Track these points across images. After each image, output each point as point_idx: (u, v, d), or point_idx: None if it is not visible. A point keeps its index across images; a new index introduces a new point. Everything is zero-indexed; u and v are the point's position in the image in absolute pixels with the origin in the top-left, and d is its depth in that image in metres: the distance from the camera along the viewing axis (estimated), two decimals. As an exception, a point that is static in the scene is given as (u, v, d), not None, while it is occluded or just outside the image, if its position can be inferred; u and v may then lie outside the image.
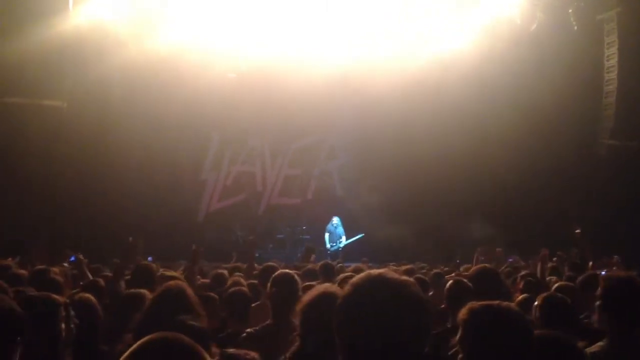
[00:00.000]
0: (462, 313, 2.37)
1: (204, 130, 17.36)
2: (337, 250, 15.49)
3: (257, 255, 9.81)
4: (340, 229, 15.93)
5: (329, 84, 15.95)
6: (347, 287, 1.86)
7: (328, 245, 15.73)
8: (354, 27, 16.24)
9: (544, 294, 3.98)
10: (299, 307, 2.88)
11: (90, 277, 5.84)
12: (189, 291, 3.24)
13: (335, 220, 15.98)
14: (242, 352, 2.53)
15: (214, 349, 2.62)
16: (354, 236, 15.97)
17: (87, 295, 3.80)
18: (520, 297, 4.56)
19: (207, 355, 1.64)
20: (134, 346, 1.61)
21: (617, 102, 15.05)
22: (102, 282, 5.25)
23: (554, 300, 3.89)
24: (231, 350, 2.56)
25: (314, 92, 15.77)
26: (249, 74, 16.33)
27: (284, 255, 13.85)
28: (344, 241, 15.80)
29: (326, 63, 16.08)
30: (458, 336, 2.36)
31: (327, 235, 15.91)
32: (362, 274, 1.91)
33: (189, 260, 6.09)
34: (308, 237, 16.29)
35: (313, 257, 9.41)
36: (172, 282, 3.30)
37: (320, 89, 15.77)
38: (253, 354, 2.49)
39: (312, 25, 15.98)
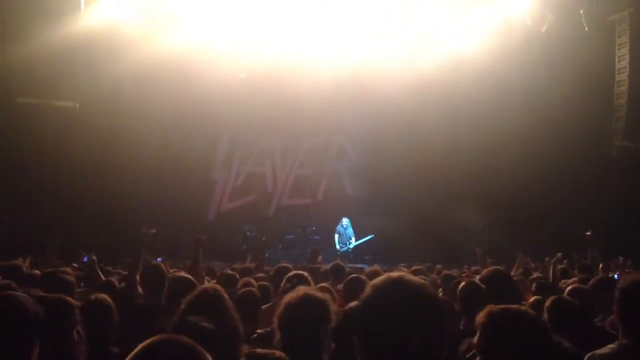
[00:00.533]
0: (481, 316, 2.38)
1: (214, 130, 17.42)
2: (346, 252, 15.47)
3: (266, 255, 9.80)
4: (350, 230, 15.91)
5: (340, 84, 15.96)
6: (368, 289, 1.90)
7: (338, 247, 15.72)
8: (365, 27, 16.23)
9: (553, 297, 3.98)
10: (280, 307, 2.88)
11: (103, 277, 5.87)
12: (224, 293, 3.28)
13: (345, 221, 15.95)
14: (270, 351, 2.57)
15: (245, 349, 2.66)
16: (364, 237, 15.95)
17: (104, 296, 3.82)
18: (532, 299, 4.55)
19: (209, 357, 1.65)
20: (137, 348, 1.63)
21: (628, 104, 14.96)
22: (116, 282, 5.28)
23: (562, 303, 3.88)
24: (260, 350, 2.60)
25: (324, 92, 15.77)
26: (259, 74, 16.36)
27: (294, 256, 13.85)
28: (353, 242, 15.79)
29: (336, 63, 16.10)
30: (476, 339, 2.38)
31: (336, 236, 15.89)
32: (381, 277, 1.93)
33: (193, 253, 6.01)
34: (318, 237, 16.29)
35: (320, 258, 9.42)
36: (208, 285, 3.34)
37: (330, 89, 15.77)
38: (279, 353, 2.52)
39: (323, 25, 15.98)
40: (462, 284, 4.44)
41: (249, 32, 15.70)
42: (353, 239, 15.86)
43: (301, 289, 2.97)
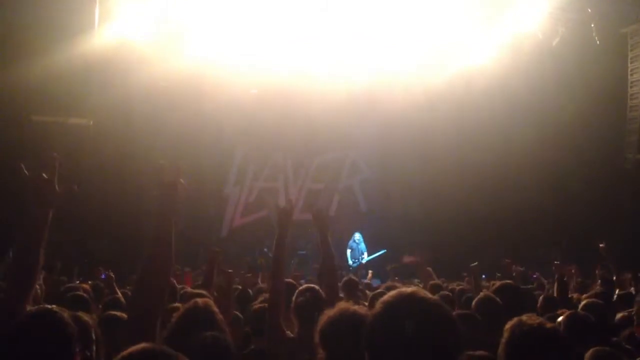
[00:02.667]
0: (505, 330, 2.39)
1: (227, 146, 17.51)
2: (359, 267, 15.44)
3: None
4: (363, 245, 15.89)
5: (351, 99, 16.04)
6: (379, 305, 1.88)
7: (350, 262, 15.69)
8: (376, 42, 16.28)
9: (569, 312, 3.97)
10: (319, 323, 2.89)
11: (119, 294, 5.90)
12: (215, 308, 3.28)
13: (357, 236, 15.94)
14: None
15: None
16: (376, 252, 15.93)
17: (114, 313, 3.84)
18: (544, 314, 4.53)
19: None
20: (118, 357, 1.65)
21: (642, 117, 14.90)
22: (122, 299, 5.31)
23: (576, 318, 3.87)
24: None
25: (336, 107, 15.84)
26: (271, 90, 16.46)
27: (306, 271, 13.83)
28: (366, 257, 15.76)
29: (348, 78, 16.16)
30: (499, 352, 2.38)
31: (349, 251, 15.87)
32: (393, 292, 1.91)
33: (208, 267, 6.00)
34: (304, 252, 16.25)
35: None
36: (199, 300, 3.33)
37: (342, 104, 15.85)
38: None
39: (334, 41, 16.05)
40: (479, 297, 4.44)
41: (260, 48, 15.78)
42: (365, 254, 15.84)
43: (340, 304, 2.98)
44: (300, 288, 4.24)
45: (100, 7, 13.78)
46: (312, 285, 4.39)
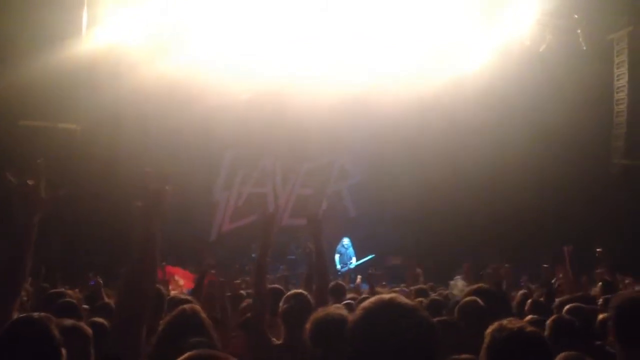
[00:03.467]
0: (486, 334, 2.40)
1: (216, 151, 17.48)
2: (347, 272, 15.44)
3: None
4: (351, 250, 15.90)
5: (341, 104, 16.05)
6: (359, 311, 1.89)
7: (339, 267, 15.69)
8: (368, 47, 16.33)
9: (554, 316, 3.99)
10: (308, 325, 2.90)
11: (107, 300, 5.88)
12: (203, 314, 3.28)
13: (346, 241, 15.96)
14: None
15: None
16: (365, 257, 15.93)
17: (99, 320, 3.84)
18: (528, 318, 4.56)
19: None
20: None
21: (628, 122, 15.02)
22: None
23: (561, 322, 3.90)
24: None
25: (326, 112, 15.86)
26: (261, 95, 16.46)
27: (296, 277, 13.82)
28: (354, 262, 15.77)
29: (338, 84, 16.17)
30: (480, 357, 2.41)
31: (337, 256, 15.87)
32: (373, 298, 1.93)
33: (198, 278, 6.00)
34: (293, 257, 16.23)
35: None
36: (186, 306, 3.34)
37: (332, 109, 15.87)
38: None
39: (325, 46, 16.09)
40: (462, 300, 4.46)
41: (251, 53, 15.80)
42: (354, 259, 15.85)
43: (327, 308, 3.00)
44: (288, 294, 4.25)
45: (88, 12, 13.76)
46: (300, 291, 4.40)
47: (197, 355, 1.73)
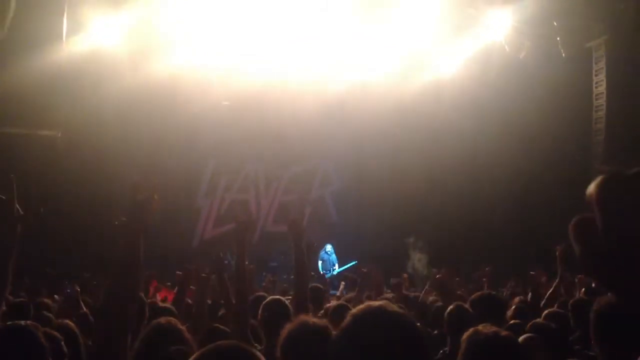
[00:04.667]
0: (462, 340, 2.41)
1: (199, 157, 17.44)
2: (330, 278, 15.44)
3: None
4: (334, 257, 15.92)
5: (323, 111, 16.09)
6: (347, 318, 1.86)
7: (321, 273, 15.68)
8: (348, 53, 16.39)
9: (532, 321, 4.03)
10: (280, 338, 2.87)
11: (85, 309, 5.83)
12: (180, 325, 3.27)
13: (329, 247, 15.98)
14: None
15: None
16: (347, 263, 15.95)
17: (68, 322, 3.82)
18: (510, 322, 4.58)
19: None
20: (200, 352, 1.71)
21: (606, 128, 15.18)
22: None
23: (538, 327, 3.94)
24: None
25: (308, 118, 15.89)
26: (243, 102, 16.44)
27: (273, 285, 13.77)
28: (337, 269, 15.78)
29: (319, 90, 16.22)
30: None
31: (320, 263, 15.88)
32: (361, 306, 1.91)
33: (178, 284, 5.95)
34: (275, 264, 16.20)
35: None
36: (162, 319, 3.31)
37: (314, 116, 15.90)
38: None
39: (306, 52, 16.12)
40: (450, 307, 4.45)
41: (232, 59, 15.80)
42: (337, 265, 15.86)
43: (300, 317, 2.98)
44: (266, 301, 4.24)
45: (68, 18, 13.66)
46: (278, 297, 4.40)
47: (220, 345, 1.73)
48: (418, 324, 1.89)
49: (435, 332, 5.12)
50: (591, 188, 0.78)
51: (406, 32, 15.73)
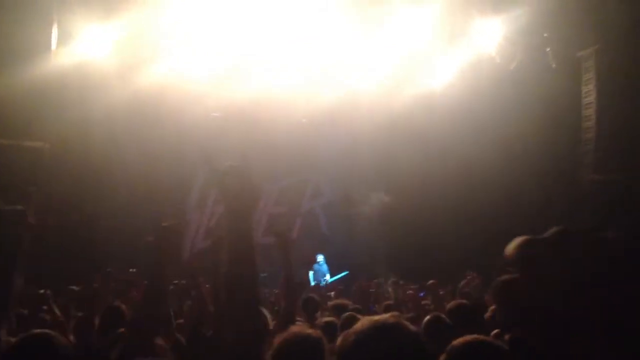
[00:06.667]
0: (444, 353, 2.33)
1: (189, 169, 17.34)
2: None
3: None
4: (325, 267, 15.87)
5: (314, 123, 16.09)
6: (350, 335, 1.79)
7: (312, 284, 15.62)
8: (339, 65, 16.40)
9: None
10: (272, 348, 2.80)
11: (59, 314, 5.73)
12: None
13: (320, 258, 15.93)
14: None
15: None
16: (339, 274, 15.91)
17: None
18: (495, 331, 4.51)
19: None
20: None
21: (596, 138, 15.22)
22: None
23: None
24: None
25: (298, 130, 15.87)
26: (233, 114, 16.39)
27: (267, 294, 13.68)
28: (328, 279, 15.72)
29: (311, 102, 16.21)
30: None
31: (311, 273, 15.82)
32: (365, 322, 1.82)
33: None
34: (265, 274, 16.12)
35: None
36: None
37: (305, 128, 15.89)
38: None
39: (297, 64, 16.12)
40: (427, 318, 4.40)
41: (222, 70, 15.76)
42: (328, 275, 15.81)
43: (293, 328, 2.91)
44: None
45: (58, 29, 13.61)
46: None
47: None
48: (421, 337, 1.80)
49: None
50: (510, 249, 0.74)
51: (398, 43, 15.77)
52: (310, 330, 2.87)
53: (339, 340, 1.84)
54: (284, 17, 14.72)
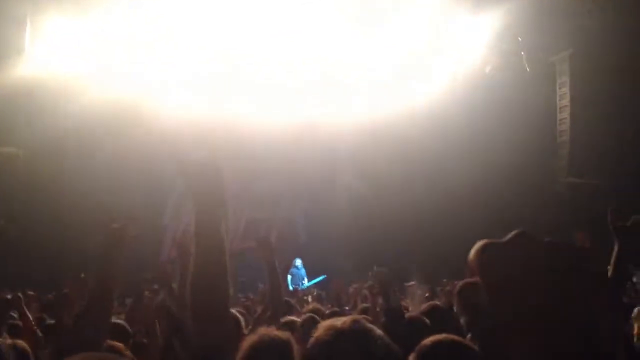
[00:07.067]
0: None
1: (166, 175, 17.20)
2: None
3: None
4: (303, 271, 15.87)
5: (295, 130, 16.06)
6: (311, 341, 1.78)
7: (291, 288, 15.57)
8: (319, 75, 16.46)
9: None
10: (240, 351, 2.78)
11: (30, 317, 5.64)
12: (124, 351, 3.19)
13: (298, 262, 15.93)
14: None
15: None
16: (316, 278, 15.91)
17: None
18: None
19: None
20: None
21: (570, 141, 15.39)
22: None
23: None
24: None
25: (278, 136, 15.83)
26: (210, 120, 16.32)
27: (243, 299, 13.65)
28: (306, 283, 15.71)
29: (292, 110, 16.23)
30: None
31: (289, 277, 15.77)
32: (328, 325, 1.80)
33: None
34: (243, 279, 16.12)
35: None
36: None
37: (284, 134, 15.85)
38: None
39: (278, 71, 16.14)
40: (406, 319, 4.39)
41: (199, 78, 15.71)
42: (306, 279, 15.80)
43: (261, 330, 2.88)
44: None
45: (31, 33, 13.46)
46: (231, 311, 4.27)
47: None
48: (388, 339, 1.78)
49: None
50: (471, 254, 0.75)
51: (377, 53, 15.86)
52: (278, 332, 2.85)
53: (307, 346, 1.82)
54: (265, 30, 14.82)
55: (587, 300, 0.64)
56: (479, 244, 0.78)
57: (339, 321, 1.79)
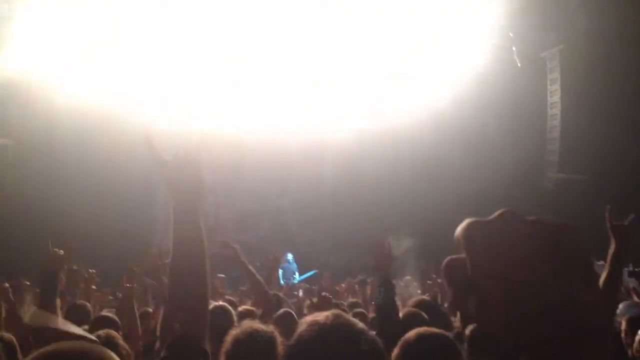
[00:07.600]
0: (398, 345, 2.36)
1: (156, 167, 17.17)
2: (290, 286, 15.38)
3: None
4: (294, 265, 15.87)
5: (281, 124, 16.10)
6: (294, 337, 1.77)
7: (282, 282, 15.58)
8: (315, 81, 16.55)
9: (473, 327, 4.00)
10: (225, 344, 2.80)
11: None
12: (120, 340, 3.19)
13: (289, 256, 15.92)
14: None
15: None
16: (307, 272, 15.91)
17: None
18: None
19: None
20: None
21: (561, 137, 15.45)
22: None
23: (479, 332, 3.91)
24: None
25: (268, 130, 15.86)
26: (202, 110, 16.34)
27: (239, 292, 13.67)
28: (297, 277, 15.72)
29: (282, 108, 16.29)
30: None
31: (280, 272, 15.77)
32: (311, 321, 1.79)
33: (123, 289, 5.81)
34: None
35: None
36: (101, 332, 3.22)
37: (273, 128, 15.88)
38: None
39: (269, 76, 16.21)
40: (403, 312, 4.40)
41: (188, 74, 15.73)
42: (297, 274, 15.80)
43: (246, 323, 2.90)
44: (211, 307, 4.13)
45: (17, 27, 13.39)
46: (222, 304, 4.30)
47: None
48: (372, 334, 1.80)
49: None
50: (457, 231, 0.77)
51: (368, 49, 15.91)
52: (262, 326, 2.88)
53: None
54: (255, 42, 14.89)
55: (571, 277, 0.67)
56: (464, 222, 0.81)
57: (320, 316, 1.78)
